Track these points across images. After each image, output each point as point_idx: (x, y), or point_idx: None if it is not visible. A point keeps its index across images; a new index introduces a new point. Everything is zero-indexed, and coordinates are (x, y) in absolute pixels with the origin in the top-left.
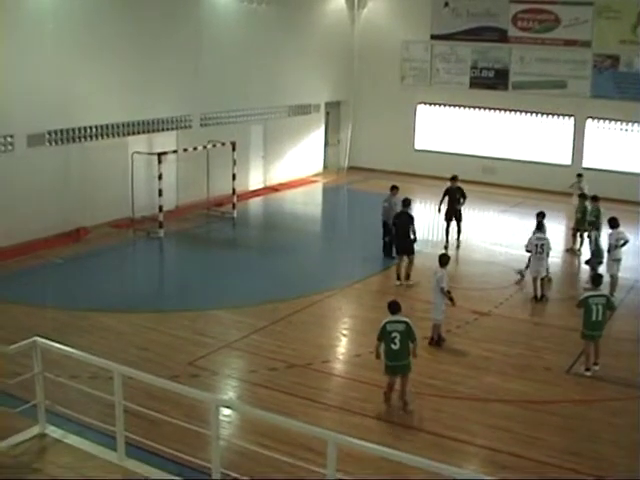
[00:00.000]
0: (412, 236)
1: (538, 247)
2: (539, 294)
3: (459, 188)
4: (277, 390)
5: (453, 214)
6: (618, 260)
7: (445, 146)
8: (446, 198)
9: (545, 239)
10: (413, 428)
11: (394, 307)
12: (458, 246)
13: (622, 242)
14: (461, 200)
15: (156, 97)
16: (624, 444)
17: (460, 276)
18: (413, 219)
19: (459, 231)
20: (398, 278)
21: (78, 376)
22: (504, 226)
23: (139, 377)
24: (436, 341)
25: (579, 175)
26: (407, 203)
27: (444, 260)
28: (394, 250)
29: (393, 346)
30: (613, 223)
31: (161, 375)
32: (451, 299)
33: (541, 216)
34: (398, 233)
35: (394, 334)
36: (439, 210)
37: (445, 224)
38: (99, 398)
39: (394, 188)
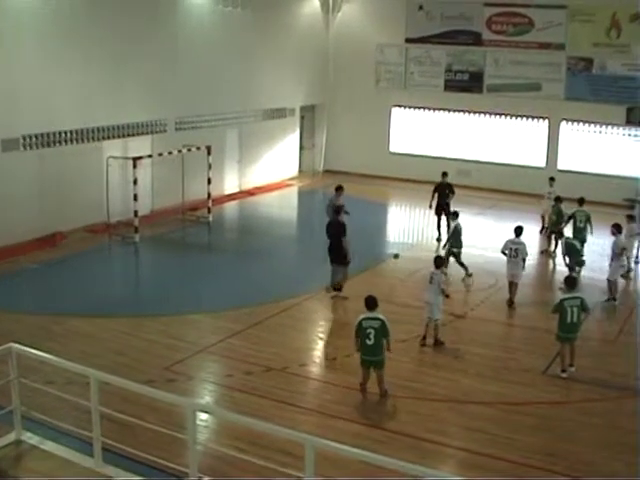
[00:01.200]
0: (344, 247)
1: (512, 251)
2: (510, 299)
3: (449, 184)
4: (254, 394)
5: (442, 209)
6: (623, 266)
7: (420, 149)
8: (436, 194)
9: (521, 243)
10: (390, 430)
11: (371, 303)
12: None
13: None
14: (450, 195)
15: (131, 101)
16: (600, 444)
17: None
18: (345, 227)
19: (448, 226)
20: (334, 289)
21: (54, 382)
22: (479, 229)
23: (115, 382)
24: (440, 342)
25: (551, 179)
26: (338, 210)
27: (439, 262)
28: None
29: (368, 341)
30: (618, 229)
31: (137, 380)
32: (447, 295)
33: (519, 230)
34: (330, 243)
35: (369, 330)
36: (430, 206)
37: (436, 218)
38: (75, 404)
39: (339, 188)
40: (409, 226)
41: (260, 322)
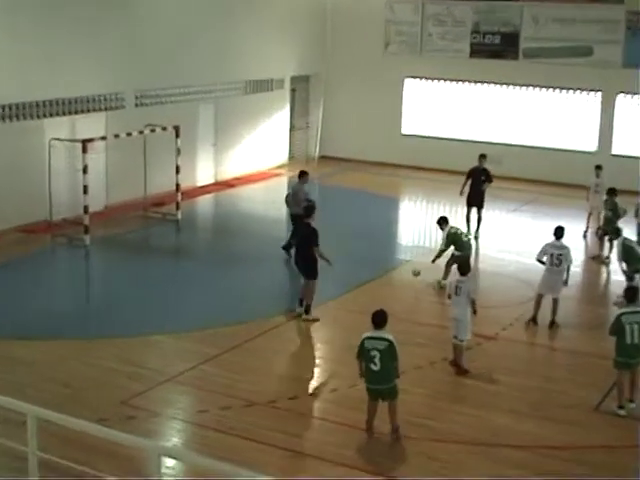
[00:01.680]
0: (316, 256)
1: (554, 258)
2: (550, 318)
3: (485, 169)
4: (232, 434)
5: (476, 199)
6: None
7: (439, 130)
8: (469, 180)
9: (565, 248)
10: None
11: (378, 319)
12: (476, 237)
13: None
14: (486, 183)
15: (80, 69)
16: None
17: None
18: (316, 234)
19: (479, 220)
20: (305, 311)
21: None
22: (513, 229)
23: (59, 421)
24: (464, 370)
25: (598, 167)
26: (309, 211)
27: (466, 267)
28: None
29: (373, 367)
30: None
31: (88, 418)
32: (474, 311)
33: (560, 231)
34: (297, 251)
35: (373, 352)
36: (461, 193)
37: (466, 210)
38: (8, 449)
39: (303, 174)
40: (425, 226)
41: (240, 345)
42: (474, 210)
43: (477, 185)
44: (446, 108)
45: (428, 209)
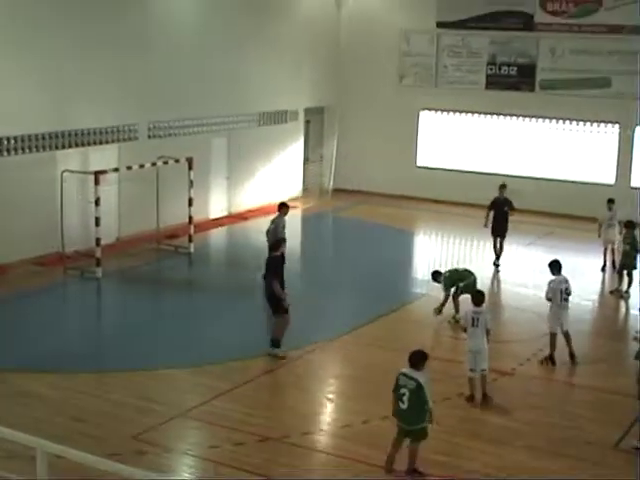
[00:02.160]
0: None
1: (563, 293)
2: (570, 351)
3: (507, 199)
4: (245, 470)
5: (500, 228)
6: None
7: (455, 163)
8: (492, 212)
9: (568, 281)
10: None
11: (413, 359)
12: (497, 265)
13: None
14: (509, 212)
15: (93, 101)
16: None
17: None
18: (276, 263)
19: (501, 249)
20: (272, 345)
21: None
22: (530, 263)
23: (70, 455)
24: (489, 397)
25: (610, 201)
26: (275, 247)
27: (479, 297)
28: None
29: (401, 404)
30: None
31: (99, 453)
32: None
33: (556, 265)
34: (265, 285)
35: (403, 390)
36: (485, 225)
37: (492, 240)
38: None
39: (283, 206)
40: (440, 259)
41: (253, 379)
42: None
43: (500, 216)
44: (462, 140)
45: (443, 242)
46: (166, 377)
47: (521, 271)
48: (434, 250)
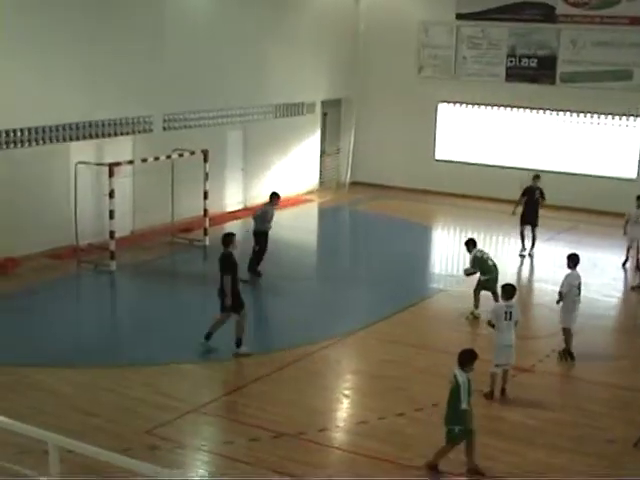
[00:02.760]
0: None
1: (578, 288)
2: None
3: (539, 189)
4: (261, 466)
5: (531, 216)
6: None
7: (474, 156)
8: (523, 199)
9: (580, 278)
10: None
11: (461, 358)
12: (531, 255)
13: None
14: (541, 201)
15: (107, 93)
16: None
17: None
18: (229, 260)
19: (534, 238)
20: (236, 345)
21: (1, 451)
22: (550, 258)
23: (82, 450)
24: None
25: (639, 198)
26: (227, 241)
27: (511, 291)
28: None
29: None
30: None
31: (112, 447)
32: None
33: (574, 257)
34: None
35: (450, 386)
36: (513, 212)
37: (520, 227)
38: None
39: (274, 196)
40: (459, 254)
41: (267, 375)
42: (528, 228)
43: (532, 204)
44: (481, 133)
45: (462, 237)
46: (180, 372)
47: (540, 266)
48: (452, 245)
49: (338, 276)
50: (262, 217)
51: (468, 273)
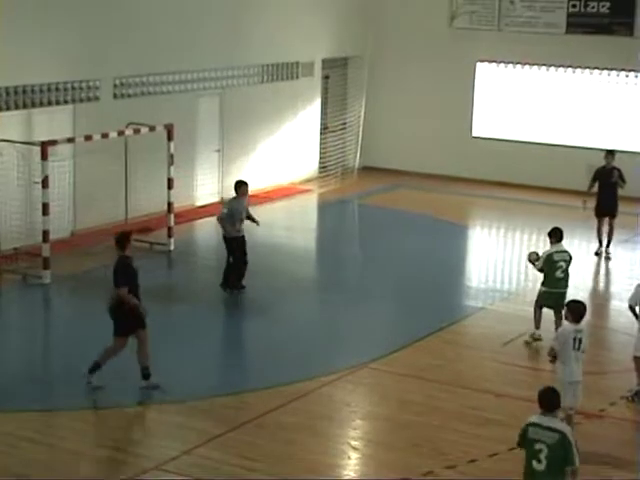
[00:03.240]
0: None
1: None
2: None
3: (615, 168)
4: None
5: (608, 205)
6: None
7: (524, 132)
8: (595, 184)
9: None
10: None
11: (546, 400)
12: (607, 257)
13: None
14: (619, 184)
15: (38, 49)
16: None
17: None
18: (123, 269)
19: (611, 232)
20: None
21: None
22: (623, 266)
23: None
24: None
25: None
26: (123, 242)
27: (583, 312)
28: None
29: (536, 465)
30: None
31: None
32: None
33: None
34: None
35: (539, 446)
36: (583, 206)
37: (597, 222)
38: None
39: (241, 185)
40: (504, 261)
41: (252, 420)
42: (606, 220)
43: (608, 188)
44: (532, 102)
45: (507, 239)
46: (136, 417)
47: (614, 277)
48: (494, 249)
49: (345, 291)
50: (230, 217)
51: (531, 260)
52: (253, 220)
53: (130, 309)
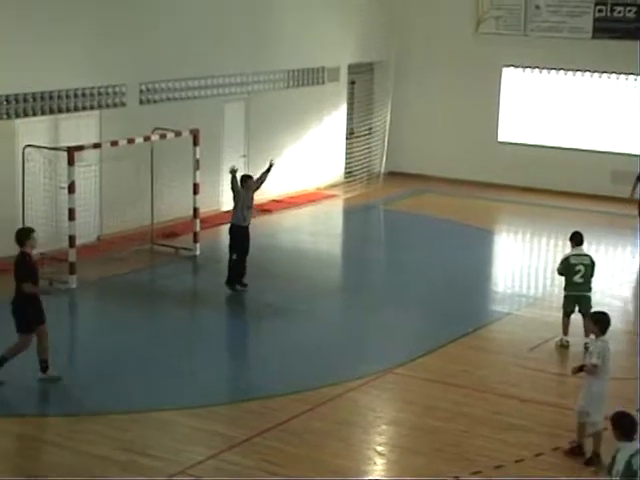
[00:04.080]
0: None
1: None
2: None
3: None
4: None
5: None
6: None
7: (550, 137)
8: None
9: None
10: None
11: (626, 429)
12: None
13: None
14: None
15: (65, 55)
16: None
17: (577, 356)
18: (25, 263)
19: None
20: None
21: None
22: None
23: None
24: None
25: None
26: (22, 238)
27: (606, 325)
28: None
29: None
30: None
31: None
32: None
33: None
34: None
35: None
36: (632, 194)
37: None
38: None
39: (246, 179)
40: (530, 267)
41: (277, 426)
42: None
43: None
44: (559, 107)
45: (533, 245)
46: (161, 422)
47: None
48: (520, 255)
49: (370, 295)
50: (243, 205)
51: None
52: (268, 169)
53: (31, 306)
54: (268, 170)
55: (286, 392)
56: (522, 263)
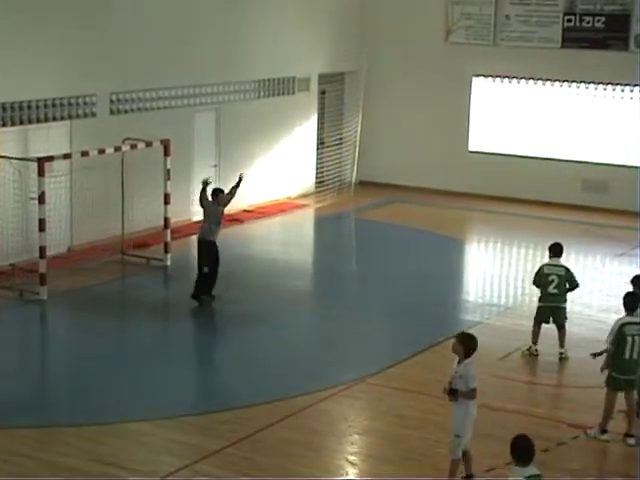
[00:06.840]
0: None
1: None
2: None
3: None
4: None
5: None
6: None
7: (520, 147)
8: None
9: None
10: None
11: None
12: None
13: None
14: None
15: (34, 65)
16: None
17: (547, 365)
18: None
19: None
20: None
21: None
22: (619, 282)
23: None
24: None
25: None
26: None
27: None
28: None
29: None
30: None
31: None
32: None
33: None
34: None
35: None
36: None
37: None
38: None
39: (218, 193)
40: (501, 276)
41: (250, 436)
42: None
43: None
44: (529, 117)
45: (504, 254)
46: (132, 433)
47: (609, 292)
48: (491, 264)
49: (341, 305)
50: (211, 220)
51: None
52: (237, 183)
53: None
54: (237, 184)
55: (258, 402)
56: (493, 272)
